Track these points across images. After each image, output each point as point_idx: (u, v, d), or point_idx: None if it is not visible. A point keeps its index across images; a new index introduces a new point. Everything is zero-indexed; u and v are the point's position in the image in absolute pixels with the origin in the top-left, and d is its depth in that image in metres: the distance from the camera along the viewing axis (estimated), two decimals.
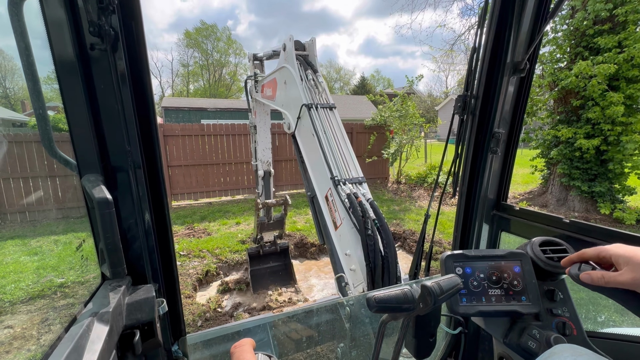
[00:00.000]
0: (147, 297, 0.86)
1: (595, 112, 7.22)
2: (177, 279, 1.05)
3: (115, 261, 0.83)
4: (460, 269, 1.01)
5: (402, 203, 9.20)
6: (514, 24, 1.25)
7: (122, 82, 0.82)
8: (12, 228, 6.71)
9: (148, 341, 0.86)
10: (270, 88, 3.11)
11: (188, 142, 9.27)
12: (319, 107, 2.29)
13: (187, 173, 9.40)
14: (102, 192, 0.79)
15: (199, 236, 6.75)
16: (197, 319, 3.92)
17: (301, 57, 2.57)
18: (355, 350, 1.34)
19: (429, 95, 48.88)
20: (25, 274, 4.13)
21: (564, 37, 7.92)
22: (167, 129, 9.13)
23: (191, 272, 5.09)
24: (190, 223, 7.62)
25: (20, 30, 0.69)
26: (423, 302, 0.78)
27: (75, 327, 0.70)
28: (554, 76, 7.87)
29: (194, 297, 4.53)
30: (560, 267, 0.94)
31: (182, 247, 6.02)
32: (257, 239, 4.85)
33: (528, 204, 8.71)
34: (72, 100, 0.78)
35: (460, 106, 1.40)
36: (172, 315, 1.05)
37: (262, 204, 4.17)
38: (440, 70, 40.05)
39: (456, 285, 0.80)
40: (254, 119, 4.21)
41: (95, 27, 0.75)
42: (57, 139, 0.83)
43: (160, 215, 0.96)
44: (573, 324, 0.94)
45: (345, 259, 1.91)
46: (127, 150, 0.85)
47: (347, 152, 2.18)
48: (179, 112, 23.36)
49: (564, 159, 8.09)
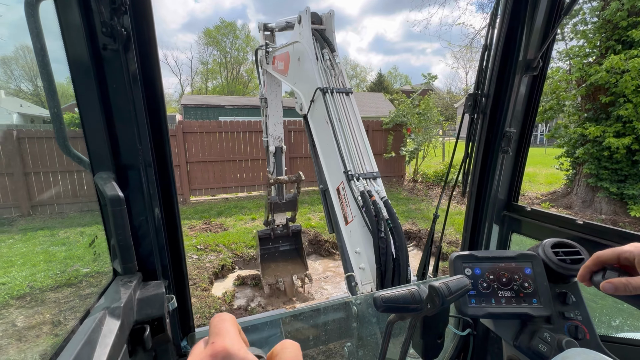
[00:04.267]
0: (157, 293, 0.88)
1: (628, 109, 6.84)
2: (187, 276, 1.06)
3: (126, 257, 0.86)
4: (469, 269, 0.99)
5: (419, 202, 9.05)
6: (526, 21, 1.21)
7: (134, 82, 0.84)
8: (42, 219, 7.07)
9: (158, 336, 0.88)
10: (283, 62, 2.83)
11: (206, 139, 9.46)
12: (334, 92, 2.12)
13: (205, 169, 9.59)
14: (114, 190, 0.81)
15: (216, 231, 6.91)
16: (213, 311, 4.02)
17: (317, 32, 2.37)
18: (362, 350, 1.34)
19: (448, 92, 47.76)
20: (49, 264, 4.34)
21: (595, 30, 7.54)
22: (186, 126, 9.34)
23: (208, 265, 5.20)
24: (208, 218, 7.81)
25: (36, 31, 0.71)
26: (431, 303, 0.77)
27: (88, 321, 0.72)
28: (582, 71, 7.50)
29: (210, 290, 4.63)
30: (574, 269, 0.91)
31: (199, 242, 6.16)
32: (269, 221, 4.56)
33: (551, 205, 8.42)
34: (85, 100, 0.80)
35: (471, 105, 1.37)
36: (182, 312, 1.07)
37: (273, 179, 3.94)
38: (459, 67, 39.05)
39: (465, 286, 0.79)
40: (265, 92, 3.91)
41: (107, 28, 0.76)
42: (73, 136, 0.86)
43: (170, 213, 0.98)
44: (586, 327, 0.90)
45: (355, 256, 1.88)
46: (139, 148, 0.87)
47: (362, 144, 2.04)
48: (198, 109, 23.84)
49: (590, 158, 7.75)
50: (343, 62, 3.00)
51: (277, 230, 4.68)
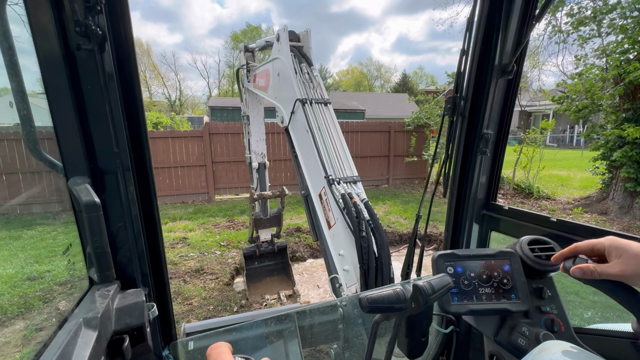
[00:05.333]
0: (137, 301, 0.85)
1: None
2: (168, 283, 1.03)
3: (103, 265, 0.82)
4: (451, 268, 1.02)
5: (440, 205, 9.08)
6: (501, 27, 1.27)
7: (110, 83, 0.81)
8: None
9: (138, 346, 0.85)
10: (263, 79, 2.99)
11: (231, 140, 9.63)
12: (313, 103, 2.23)
13: (229, 169, 9.77)
14: (89, 195, 0.77)
15: (238, 229, 7.05)
16: (233, 304, 4.15)
17: (296, 48, 2.48)
18: (348, 351, 1.35)
19: None
20: None
21: (635, 24, 6.91)
22: (212, 127, 9.55)
23: (230, 261, 5.36)
24: (231, 216, 7.96)
25: (2, 30, 0.67)
26: (415, 302, 0.79)
27: (62, 333, 0.69)
28: (620, 69, 6.94)
29: (231, 285, 4.78)
30: (549, 265, 0.96)
31: (223, 238, 6.38)
32: (253, 238, 4.54)
33: (584, 211, 7.88)
34: (58, 102, 0.76)
35: (450, 107, 1.41)
36: (163, 320, 1.03)
37: (257, 195, 3.93)
38: None
39: (447, 285, 0.81)
40: (247, 110, 4.04)
41: (81, 27, 0.73)
42: None
43: (149, 219, 0.95)
44: (561, 320, 0.95)
45: (339, 259, 1.90)
46: (115, 152, 0.84)
47: (341, 150, 2.13)
48: (224, 111, 23.97)
49: (629, 161, 7.18)
50: (368, 62, 3.03)
51: (262, 247, 4.66)
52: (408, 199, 9.44)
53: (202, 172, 9.50)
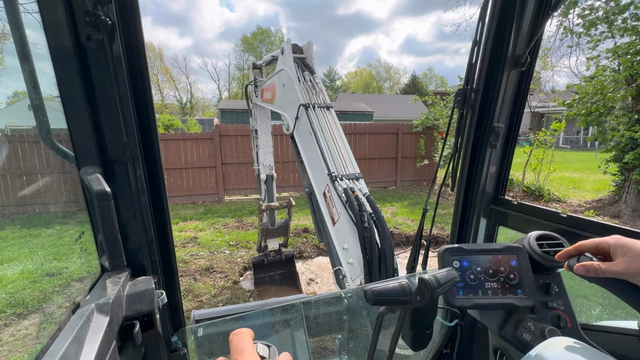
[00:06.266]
0: (147, 288, 0.87)
1: None
2: (176, 271, 1.05)
3: (114, 253, 0.84)
4: (457, 262, 1.01)
5: (449, 207, 8.99)
6: (515, 17, 1.23)
7: (119, 73, 0.82)
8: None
9: (148, 332, 0.87)
10: (270, 92, 3.20)
11: (241, 142, 9.74)
12: (316, 107, 2.35)
13: (239, 170, 9.89)
14: (100, 184, 0.79)
15: (247, 229, 7.16)
16: (241, 302, 4.27)
17: (299, 59, 2.65)
18: (352, 342, 1.35)
19: None
20: None
21: None
22: (222, 130, 9.74)
23: (238, 260, 5.48)
24: (240, 216, 8.09)
25: (15, 20, 0.69)
26: (420, 295, 0.79)
27: (76, 318, 0.70)
28: (633, 69, 6.95)
29: (239, 283, 4.92)
30: (556, 260, 0.94)
31: (232, 238, 6.49)
32: (262, 247, 4.71)
33: (596, 214, 7.80)
34: (68, 92, 0.78)
35: (460, 100, 1.38)
36: (172, 307, 1.05)
37: (265, 206, 4.11)
38: None
39: (453, 279, 0.81)
40: (255, 124, 4.25)
41: (91, 17, 0.74)
42: None
43: (159, 208, 0.96)
44: (567, 316, 0.94)
45: (343, 253, 1.93)
46: (125, 142, 0.86)
47: (344, 150, 2.22)
48: (234, 113, 24.15)
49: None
50: (377, 64, 3.14)
51: (270, 256, 4.80)
52: (416, 201, 9.38)
53: (212, 173, 9.61)
